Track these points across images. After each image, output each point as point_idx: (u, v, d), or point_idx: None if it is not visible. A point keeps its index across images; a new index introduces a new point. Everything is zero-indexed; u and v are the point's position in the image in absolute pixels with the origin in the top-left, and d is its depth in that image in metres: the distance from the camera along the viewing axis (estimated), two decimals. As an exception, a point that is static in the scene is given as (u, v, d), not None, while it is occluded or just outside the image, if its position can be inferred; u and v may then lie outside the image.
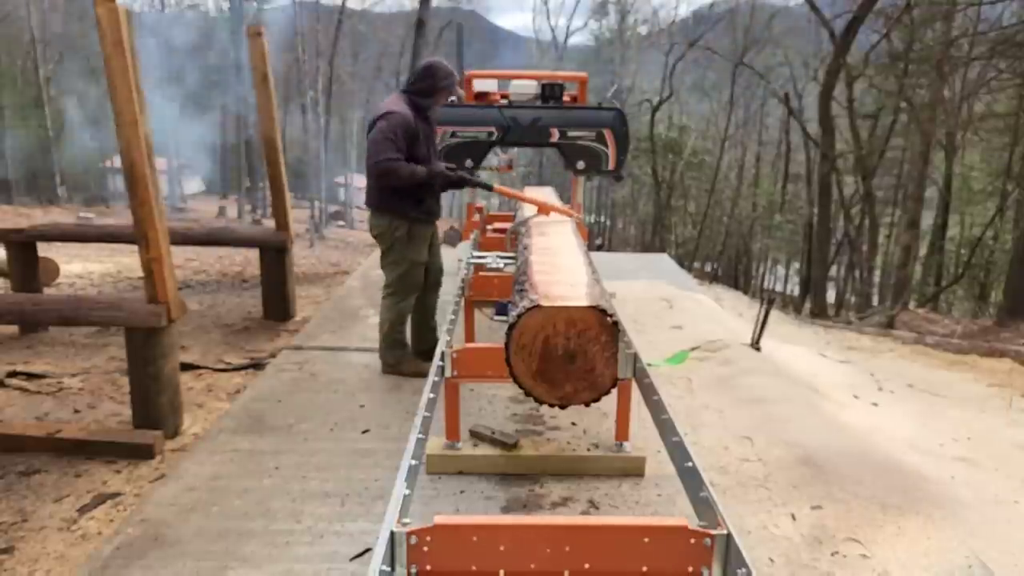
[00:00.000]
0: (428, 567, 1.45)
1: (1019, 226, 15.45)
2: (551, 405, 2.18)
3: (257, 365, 5.21)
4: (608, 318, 2.08)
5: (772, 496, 2.84)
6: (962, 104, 18.12)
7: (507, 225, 5.04)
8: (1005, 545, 2.72)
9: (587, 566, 1.47)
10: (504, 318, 2.28)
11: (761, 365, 4.50)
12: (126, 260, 10.55)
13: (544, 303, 2.06)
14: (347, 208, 37.14)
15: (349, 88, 38.17)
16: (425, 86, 3.85)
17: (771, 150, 29.68)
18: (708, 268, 26.45)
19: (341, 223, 35.10)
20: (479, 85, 6.00)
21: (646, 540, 1.46)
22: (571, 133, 5.47)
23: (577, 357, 2.10)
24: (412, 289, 4.09)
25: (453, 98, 4.30)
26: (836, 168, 18.21)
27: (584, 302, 2.09)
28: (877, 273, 23.42)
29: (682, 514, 2.15)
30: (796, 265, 26.59)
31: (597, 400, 2.20)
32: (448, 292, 4.18)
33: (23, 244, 6.27)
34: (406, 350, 4.22)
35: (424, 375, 2.47)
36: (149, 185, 3.63)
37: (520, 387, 2.15)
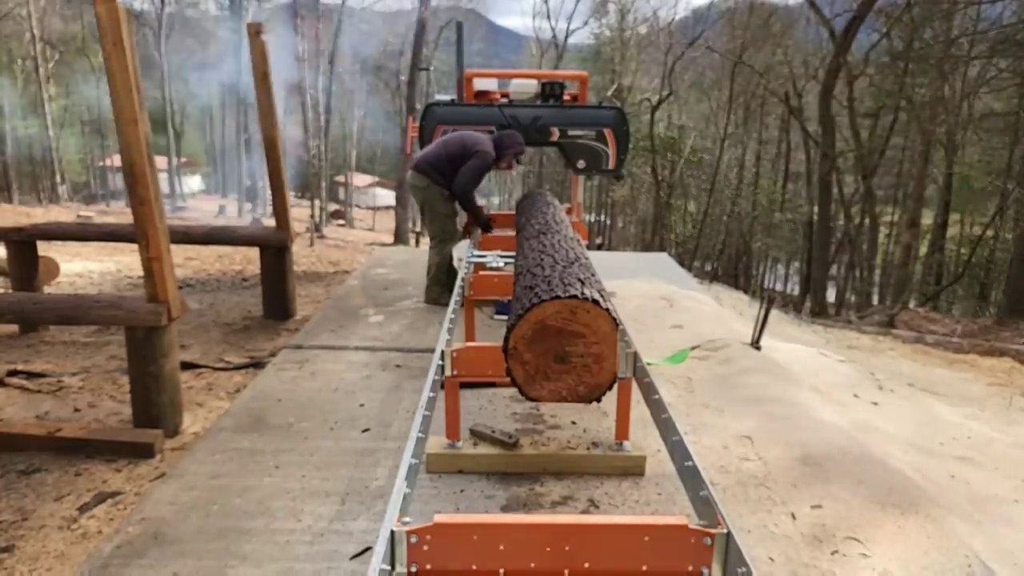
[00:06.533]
0: (428, 566, 1.44)
1: (1019, 225, 15.45)
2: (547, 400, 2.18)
3: (257, 364, 5.21)
4: (608, 313, 2.08)
5: (772, 495, 2.84)
6: (962, 103, 18.11)
7: (508, 232, 5.06)
8: (1005, 545, 2.72)
9: (587, 565, 1.47)
10: (504, 317, 2.28)
11: (761, 364, 4.50)
12: (126, 259, 10.56)
13: (545, 297, 2.06)
14: (347, 207, 37.13)
15: (349, 88, 38.15)
16: (507, 143, 5.18)
17: (771, 149, 29.65)
18: (708, 267, 26.45)
19: (341, 222, 35.09)
20: (479, 84, 6.00)
21: (646, 539, 1.46)
22: (571, 132, 5.47)
23: (573, 354, 2.10)
24: (450, 237, 5.38)
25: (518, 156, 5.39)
26: (836, 167, 18.22)
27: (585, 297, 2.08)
28: (877, 272, 23.43)
29: (682, 513, 2.15)
30: (796, 264, 26.60)
31: (598, 399, 2.19)
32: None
33: (23, 243, 6.26)
34: (445, 287, 5.42)
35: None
36: (149, 184, 3.63)
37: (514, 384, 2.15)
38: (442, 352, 2.57)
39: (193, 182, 42.57)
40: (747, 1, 27.44)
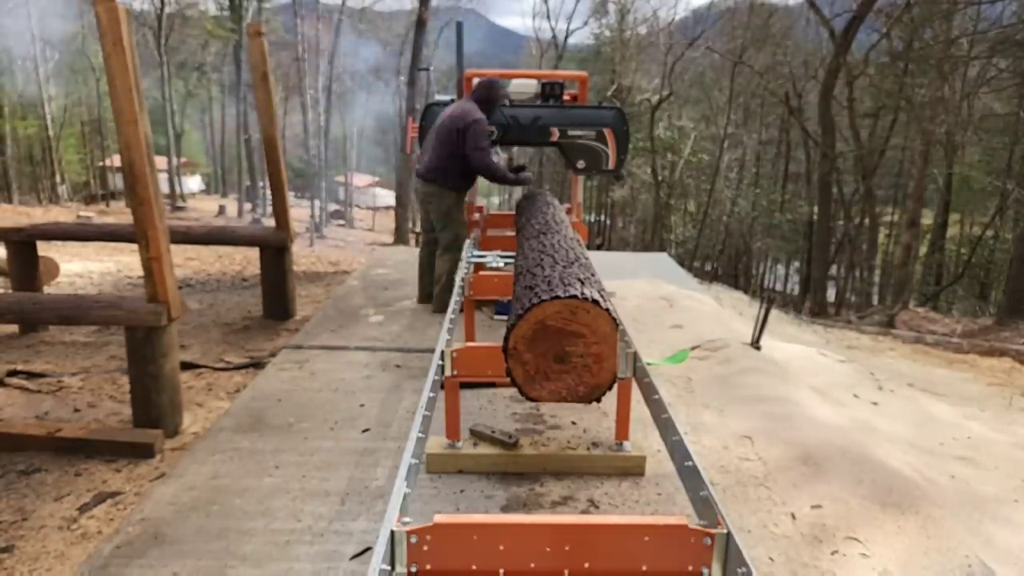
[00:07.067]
0: (428, 566, 1.44)
1: (1019, 225, 15.47)
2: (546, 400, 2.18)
3: (257, 364, 5.21)
4: (608, 313, 2.08)
5: (772, 495, 2.84)
6: (962, 103, 18.11)
7: (508, 232, 5.05)
8: (1005, 545, 2.72)
9: (587, 565, 1.46)
10: (504, 317, 2.28)
11: (761, 364, 4.50)
12: (126, 259, 10.56)
13: (545, 296, 2.06)
14: (347, 207, 37.15)
15: (349, 87, 38.15)
16: (490, 95, 5.01)
17: (771, 149, 29.65)
18: (708, 267, 26.44)
19: (341, 222, 35.12)
20: (479, 84, 5.99)
21: (646, 539, 1.46)
22: (571, 132, 5.47)
23: (573, 354, 2.10)
24: (462, 245, 5.10)
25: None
26: (836, 167, 18.22)
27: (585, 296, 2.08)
28: (877, 272, 23.44)
29: (682, 513, 2.15)
30: (796, 264, 26.59)
31: (598, 399, 2.19)
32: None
33: (23, 243, 6.26)
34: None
35: None
36: (149, 184, 3.63)
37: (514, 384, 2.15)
38: (442, 352, 2.57)
39: (193, 182, 42.55)
40: (747, 1, 27.43)
